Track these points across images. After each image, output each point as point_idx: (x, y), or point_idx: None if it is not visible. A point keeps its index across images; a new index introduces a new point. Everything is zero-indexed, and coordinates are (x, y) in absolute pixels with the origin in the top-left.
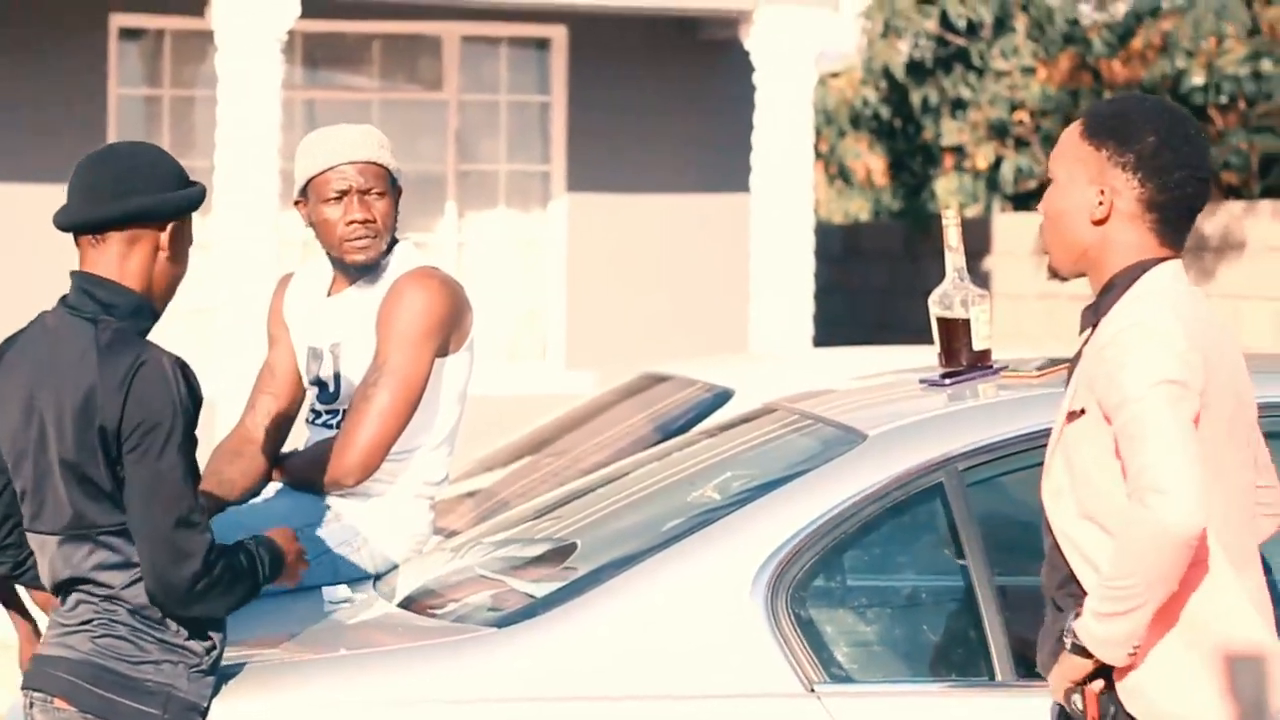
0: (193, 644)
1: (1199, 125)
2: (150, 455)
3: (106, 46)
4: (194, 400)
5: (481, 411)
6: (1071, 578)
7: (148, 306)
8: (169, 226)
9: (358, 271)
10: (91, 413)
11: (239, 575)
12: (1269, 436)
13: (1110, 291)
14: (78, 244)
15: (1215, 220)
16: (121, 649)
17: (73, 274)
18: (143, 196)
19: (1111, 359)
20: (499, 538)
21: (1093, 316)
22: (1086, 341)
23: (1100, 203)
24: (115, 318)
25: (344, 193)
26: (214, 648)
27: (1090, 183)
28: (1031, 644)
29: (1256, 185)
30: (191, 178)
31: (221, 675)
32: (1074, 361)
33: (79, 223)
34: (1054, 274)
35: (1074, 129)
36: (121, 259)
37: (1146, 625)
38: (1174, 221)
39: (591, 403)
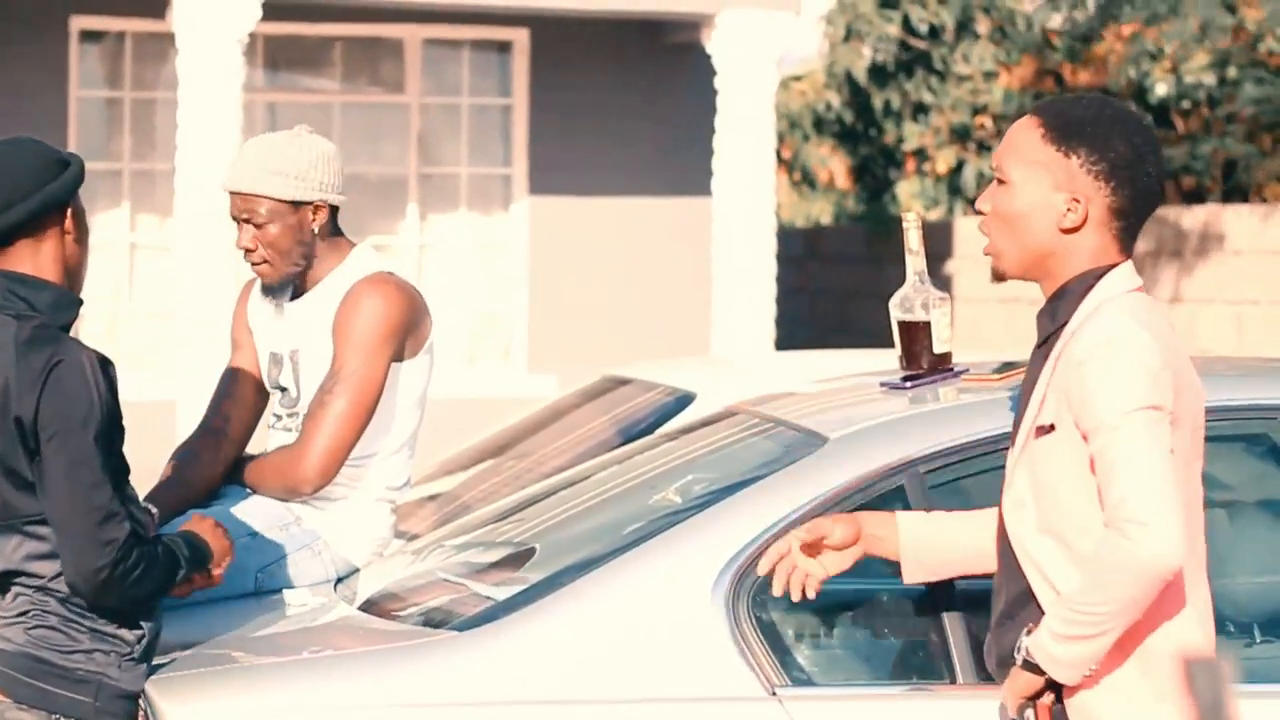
0: (124, 633)
1: (1153, 128)
2: (67, 448)
3: (67, 48)
4: (114, 394)
5: (443, 414)
6: (1029, 590)
7: (68, 295)
8: (68, 211)
9: (307, 276)
10: (8, 406)
11: (154, 563)
12: (1237, 439)
13: (1065, 297)
14: None
15: (1177, 224)
16: (53, 639)
17: None
18: (33, 197)
19: (1088, 377)
20: (460, 541)
21: (1051, 323)
22: (1044, 346)
23: (1070, 210)
24: (39, 312)
25: (235, 218)
26: (144, 636)
27: (1056, 189)
28: None
29: (1218, 189)
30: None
31: (181, 679)
32: (1033, 368)
33: None
34: (999, 278)
35: (1031, 129)
36: (33, 253)
37: (1106, 650)
38: (1135, 229)
39: (553, 406)
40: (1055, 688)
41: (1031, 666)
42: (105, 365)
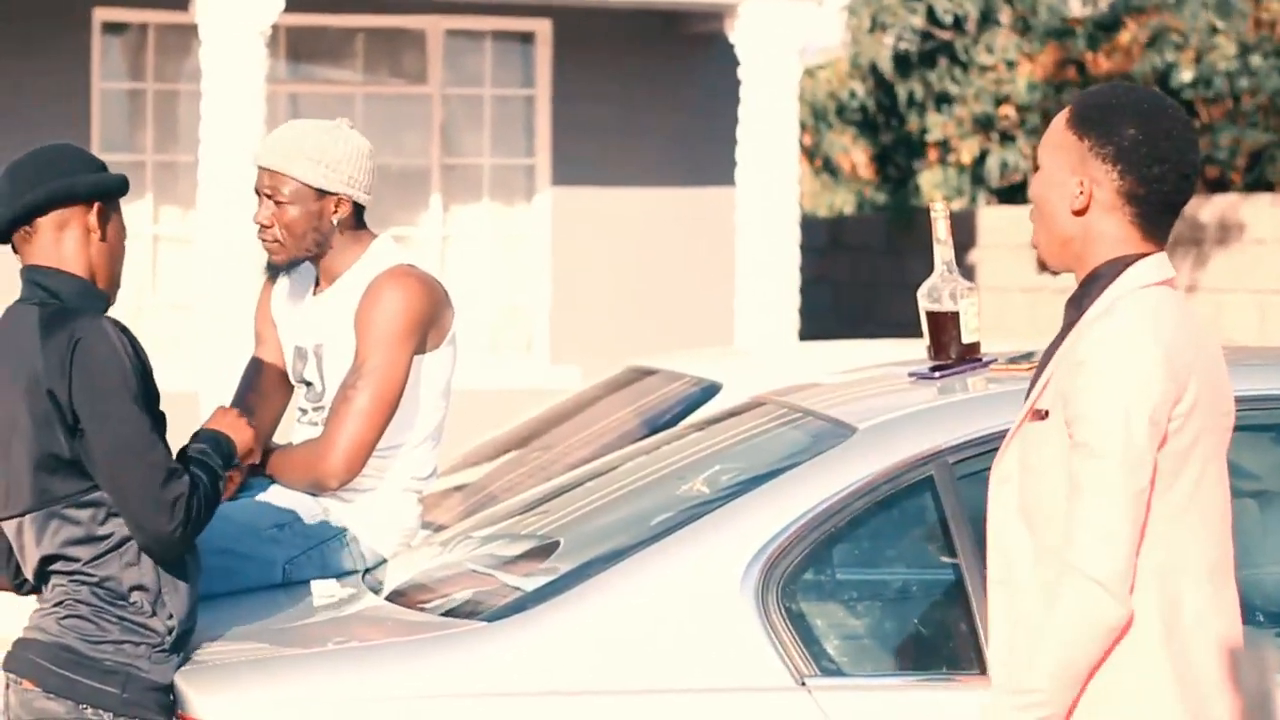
0: (154, 623)
1: (1187, 118)
2: (112, 419)
3: (89, 40)
4: (140, 358)
5: (465, 406)
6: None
7: (93, 289)
8: (94, 208)
9: (328, 269)
10: (40, 389)
11: (209, 499)
12: (1265, 429)
13: (1094, 283)
14: (14, 249)
15: (1199, 213)
16: (84, 629)
17: (20, 271)
18: (57, 180)
19: (1082, 386)
20: (488, 532)
21: (1075, 311)
22: (1064, 333)
23: (1080, 193)
24: (62, 301)
25: (258, 192)
26: (175, 628)
27: (1072, 172)
28: None
29: (1242, 179)
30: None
31: (209, 669)
32: (1048, 353)
33: (3, 221)
34: (1044, 267)
35: (1061, 116)
36: (55, 244)
37: None
38: (1154, 216)
39: (578, 396)
40: None
41: None
42: (124, 330)
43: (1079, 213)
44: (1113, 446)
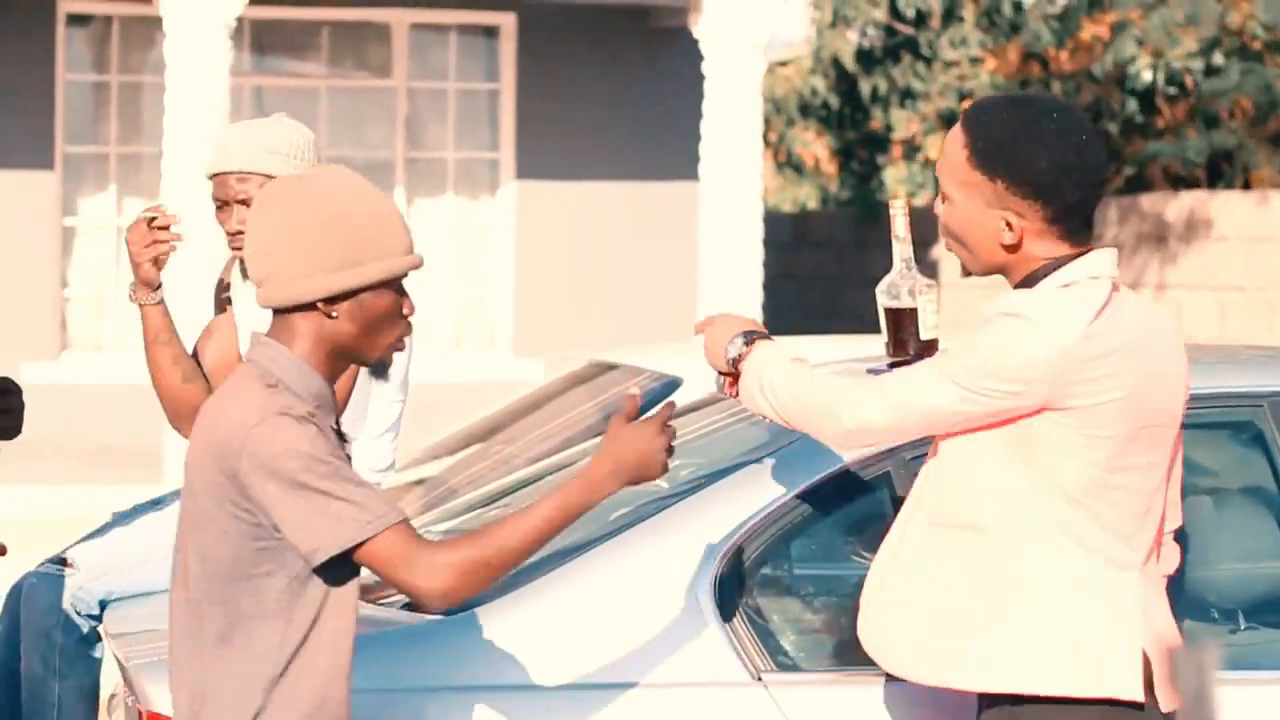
0: None
1: (1084, 118)
2: None
3: (54, 33)
4: None
5: (428, 399)
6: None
7: None
8: None
9: None
10: None
11: None
12: (1223, 427)
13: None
14: None
15: (1162, 212)
16: None
17: None
18: None
19: (975, 332)
20: (448, 525)
21: None
22: None
23: (1007, 229)
24: None
25: (225, 202)
26: None
27: (988, 207)
28: None
29: (1206, 177)
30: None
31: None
32: None
33: None
34: (968, 274)
35: (959, 149)
36: None
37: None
38: (1079, 224)
39: (540, 390)
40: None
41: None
42: None
43: (1010, 247)
44: (962, 366)
